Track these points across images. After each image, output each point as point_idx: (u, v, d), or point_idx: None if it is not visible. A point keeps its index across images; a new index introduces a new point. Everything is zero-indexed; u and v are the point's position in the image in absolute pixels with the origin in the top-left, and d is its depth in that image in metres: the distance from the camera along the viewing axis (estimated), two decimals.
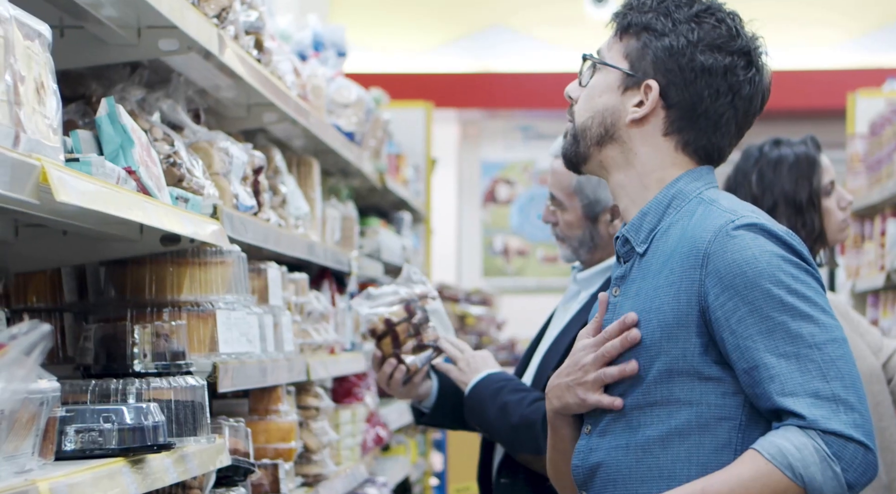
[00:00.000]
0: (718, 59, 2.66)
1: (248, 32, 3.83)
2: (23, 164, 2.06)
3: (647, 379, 2.59)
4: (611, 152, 2.70)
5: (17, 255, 3.14)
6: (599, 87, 2.70)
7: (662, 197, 2.68)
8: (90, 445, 2.47)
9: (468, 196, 14.13)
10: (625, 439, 2.62)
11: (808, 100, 11.95)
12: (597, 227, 3.79)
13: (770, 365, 2.51)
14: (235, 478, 3.27)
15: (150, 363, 2.83)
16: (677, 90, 2.66)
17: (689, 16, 2.67)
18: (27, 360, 1.93)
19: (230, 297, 3.34)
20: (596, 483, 2.64)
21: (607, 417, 2.64)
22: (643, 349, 2.60)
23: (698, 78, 2.65)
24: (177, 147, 3.22)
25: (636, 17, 2.69)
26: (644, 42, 2.67)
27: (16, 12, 2.13)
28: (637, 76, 2.67)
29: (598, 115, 2.69)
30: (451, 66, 12.59)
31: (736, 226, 2.58)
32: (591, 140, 2.70)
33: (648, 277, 2.63)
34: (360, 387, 5.54)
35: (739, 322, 2.53)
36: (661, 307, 2.59)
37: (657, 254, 2.64)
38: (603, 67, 2.70)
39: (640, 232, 2.68)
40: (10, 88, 2.05)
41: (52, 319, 3.14)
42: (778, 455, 2.48)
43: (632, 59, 2.68)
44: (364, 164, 5.98)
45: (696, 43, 2.65)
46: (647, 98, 2.66)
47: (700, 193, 2.68)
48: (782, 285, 2.54)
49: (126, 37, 3.18)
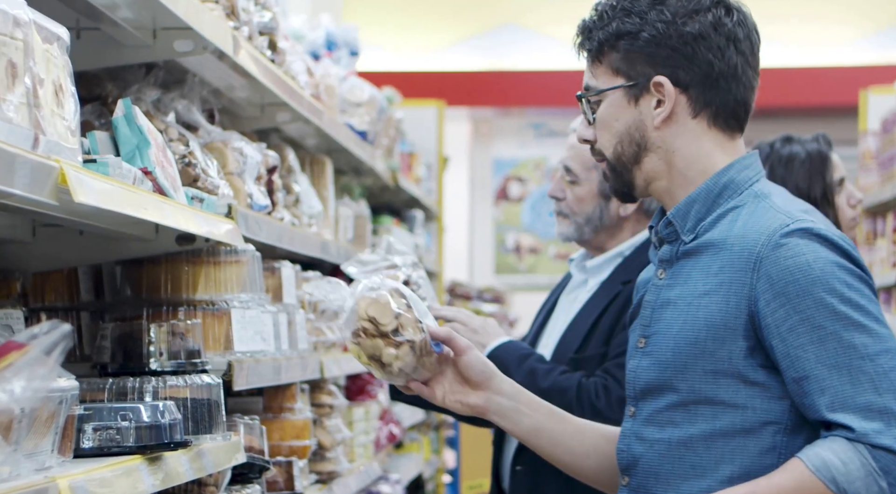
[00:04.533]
0: (702, 21, 2.61)
1: (262, 33, 3.86)
2: (42, 165, 2.08)
3: (694, 377, 2.56)
4: (650, 163, 2.65)
5: (35, 254, 3.17)
6: (610, 113, 2.66)
7: (712, 185, 2.62)
8: (108, 443, 2.50)
9: (480, 194, 14.14)
10: (668, 434, 2.59)
11: (821, 97, 11.93)
12: (608, 205, 3.78)
13: (820, 377, 2.46)
14: (251, 475, 3.29)
15: (166, 361, 2.86)
16: (685, 71, 2.61)
17: (649, 2, 2.62)
18: (48, 359, 1.96)
19: (245, 296, 3.36)
20: (638, 472, 2.63)
21: (653, 406, 2.62)
22: (689, 345, 2.56)
23: (696, 48, 2.61)
24: (192, 147, 3.25)
25: (601, 34, 2.64)
26: (625, 49, 2.62)
27: (34, 16, 2.15)
28: (640, 82, 2.62)
29: (623, 136, 2.65)
30: (464, 64, 12.60)
31: (790, 230, 2.52)
32: (629, 162, 2.65)
33: (697, 269, 2.59)
34: (374, 385, 5.57)
35: (790, 331, 2.49)
36: (708, 306, 2.55)
37: (708, 246, 2.59)
38: (603, 94, 2.65)
39: (687, 220, 2.63)
40: (30, 90, 2.07)
41: (69, 318, 3.16)
42: (822, 468, 2.43)
43: (623, 70, 2.63)
44: (376, 162, 6.00)
45: (672, 21, 2.60)
46: (664, 94, 2.62)
47: (751, 184, 2.63)
48: (835, 293, 2.48)
49: (142, 38, 3.20)
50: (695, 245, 2.61)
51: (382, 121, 6.09)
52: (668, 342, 2.60)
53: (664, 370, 2.60)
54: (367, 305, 2.65)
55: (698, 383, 2.55)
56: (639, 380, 2.65)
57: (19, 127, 2.03)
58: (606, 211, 3.77)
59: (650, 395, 2.63)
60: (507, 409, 2.76)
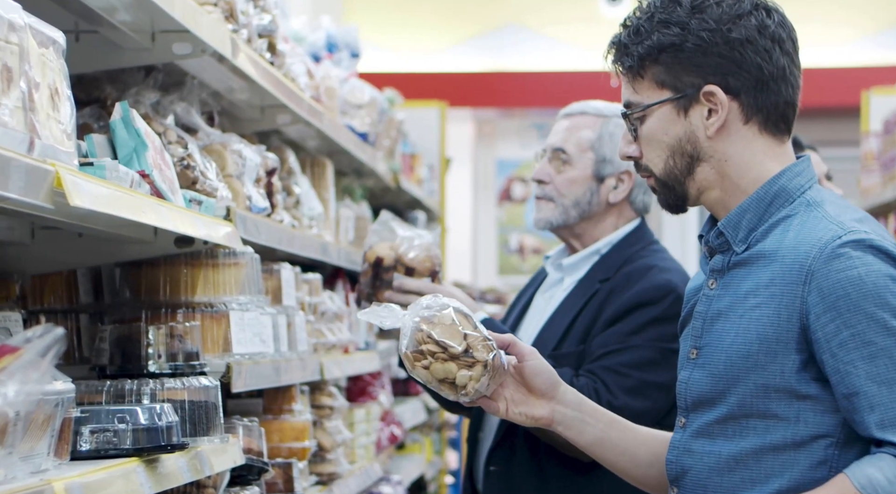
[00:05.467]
0: (746, 26, 2.57)
1: (262, 35, 3.87)
2: (37, 169, 2.08)
3: (746, 391, 2.53)
4: (702, 174, 2.60)
5: (34, 257, 3.17)
6: (659, 128, 2.60)
7: (764, 194, 2.58)
8: (105, 445, 2.50)
9: (483, 195, 14.15)
10: (719, 446, 2.56)
11: (823, 98, 11.93)
12: (599, 189, 3.76)
13: (870, 394, 2.43)
14: (249, 477, 3.30)
15: (164, 363, 2.86)
16: (735, 77, 2.56)
17: (688, 11, 2.57)
18: (42, 362, 1.96)
19: (243, 298, 3.37)
20: (687, 483, 2.60)
21: (704, 418, 2.59)
22: (742, 358, 2.52)
23: (744, 53, 2.56)
24: (190, 150, 3.25)
25: (640, 49, 2.58)
26: (668, 61, 2.57)
27: (30, 20, 2.15)
28: (689, 93, 2.57)
29: (674, 150, 2.60)
30: (466, 65, 12.60)
31: (843, 243, 2.48)
32: (681, 175, 2.60)
33: (749, 280, 2.55)
34: (375, 386, 5.57)
35: (841, 346, 2.45)
36: (760, 319, 2.51)
37: (760, 257, 2.55)
38: (649, 110, 2.59)
39: (739, 230, 2.58)
40: (25, 94, 2.08)
41: (68, 320, 3.17)
42: (868, 486, 2.42)
43: (669, 83, 2.58)
44: (378, 164, 6.01)
45: (716, 28, 2.55)
46: (716, 103, 2.56)
47: (803, 191, 2.59)
48: (888, 307, 2.44)
49: (140, 41, 3.21)
50: (747, 256, 2.57)
51: (383, 122, 6.09)
52: (720, 354, 2.57)
53: (717, 383, 2.57)
54: (431, 327, 2.56)
55: (750, 397, 2.52)
56: (690, 392, 2.62)
57: (14, 131, 2.04)
58: (597, 194, 3.76)
59: (701, 407, 2.60)
60: (572, 420, 2.70)
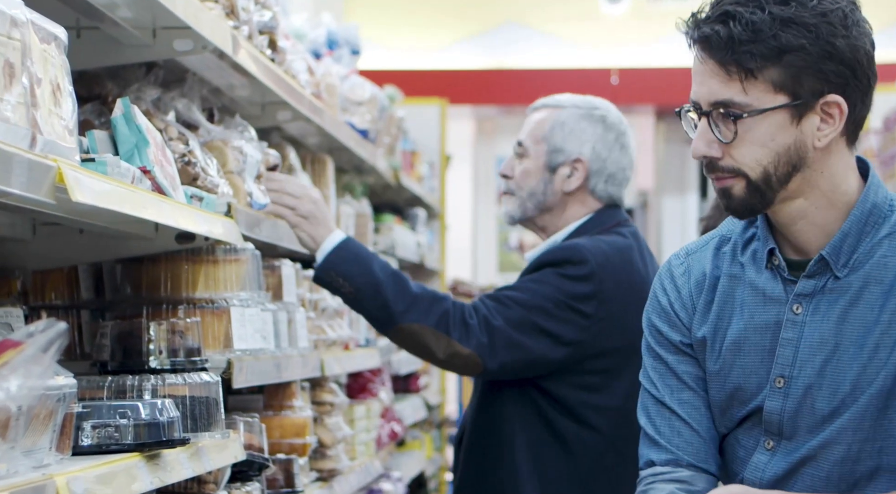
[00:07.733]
0: (866, 34, 2.42)
1: (262, 32, 3.87)
2: (39, 165, 2.09)
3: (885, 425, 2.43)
4: (795, 183, 2.45)
5: (35, 253, 3.18)
6: (766, 132, 2.41)
7: (860, 214, 2.45)
8: (106, 440, 2.51)
9: (484, 192, 14.15)
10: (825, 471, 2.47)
11: None
12: (552, 179, 3.77)
13: None
14: (250, 473, 3.30)
15: (165, 359, 2.87)
16: (852, 88, 2.42)
17: (815, 13, 2.39)
18: (44, 357, 1.97)
19: (244, 294, 3.37)
20: None
21: (808, 447, 2.48)
22: (878, 397, 2.42)
23: (861, 61, 2.42)
24: (191, 146, 3.26)
25: (761, 48, 2.38)
26: (791, 64, 2.38)
27: (32, 16, 2.16)
28: (807, 100, 2.40)
29: (780, 157, 2.42)
30: (466, 62, 12.61)
31: None
32: (777, 182, 2.43)
33: (859, 306, 2.44)
34: (375, 383, 5.58)
35: None
36: (890, 347, 2.41)
37: (868, 281, 2.45)
38: (765, 113, 2.41)
39: (842, 255, 2.45)
40: (27, 90, 2.08)
41: (69, 316, 3.17)
42: None
43: (788, 87, 2.39)
44: (378, 161, 6.01)
45: (843, 34, 2.39)
46: (834, 113, 2.42)
47: (891, 205, 2.48)
48: None
49: (141, 37, 3.21)
50: (850, 280, 2.46)
51: (384, 119, 6.10)
52: (843, 386, 2.44)
53: (841, 426, 2.45)
54: None
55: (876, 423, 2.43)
56: (787, 421, 2.49)
57: (16, 126, 2.04)
58: (550, 185, 3.77)
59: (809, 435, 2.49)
60: None
